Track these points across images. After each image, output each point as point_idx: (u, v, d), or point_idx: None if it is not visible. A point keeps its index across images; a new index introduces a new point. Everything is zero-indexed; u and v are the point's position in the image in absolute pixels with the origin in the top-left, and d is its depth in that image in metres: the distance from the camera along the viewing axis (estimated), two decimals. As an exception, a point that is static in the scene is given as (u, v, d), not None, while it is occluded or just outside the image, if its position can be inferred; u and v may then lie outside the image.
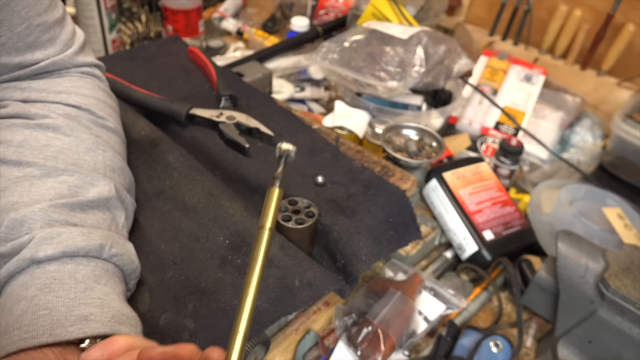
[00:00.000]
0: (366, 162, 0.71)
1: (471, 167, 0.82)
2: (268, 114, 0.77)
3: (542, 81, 1.09)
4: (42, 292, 0.37)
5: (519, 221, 0.78)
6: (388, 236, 0.62)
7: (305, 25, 1.17)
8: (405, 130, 0.85)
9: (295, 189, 0.63)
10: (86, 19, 1.03)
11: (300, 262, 0.53)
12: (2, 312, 0.37)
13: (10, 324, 0.36)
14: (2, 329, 0.36)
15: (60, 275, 0.39)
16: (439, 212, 0.78)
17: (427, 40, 0.92)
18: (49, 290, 0.38)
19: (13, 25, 0.45)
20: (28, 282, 0.38)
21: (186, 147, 0.71)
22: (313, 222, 0.58)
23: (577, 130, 1.08)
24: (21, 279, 0.39)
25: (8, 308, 0.37)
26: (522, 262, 0.73)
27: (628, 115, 0.97)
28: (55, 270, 0.39)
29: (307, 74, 1.07)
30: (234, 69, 0.94)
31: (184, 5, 1.12)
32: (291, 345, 0.60)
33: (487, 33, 1.28)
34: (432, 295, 0.68)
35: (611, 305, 0.58)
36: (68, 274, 0.39)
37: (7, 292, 0.39)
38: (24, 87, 0.50)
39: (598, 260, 0.62)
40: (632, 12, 1.08)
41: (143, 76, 0.83)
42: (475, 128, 1.04)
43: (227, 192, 0.61)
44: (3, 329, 0.36)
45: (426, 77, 0.91)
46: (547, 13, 1.19)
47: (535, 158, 1.00)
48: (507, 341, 0.63)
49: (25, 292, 0.38)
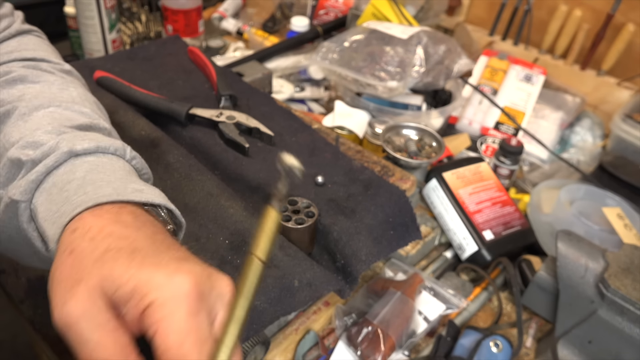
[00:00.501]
0: (366, 162, 0.71)
1: (471, 167, 0.82)
2: (268, 114, 0.77)
3: (542, 81, 1.09)
4: (90, 173, 0.37)
5: (518, 221, 0.78)
6: (388, 236, 0.63)
7: (305, 25, 1.17)
8: (405, 130, 0.85)
9: (295, 189, 0.63)
10: (86, 19, 1.03)
11: (300, 262, 0.53)
12: (50, 198, 0.36)
13: (69, 196, 0.35)
14: (59, 205, 0.35)
15: (101, 164, 0.39)
16: (439, 212, 0.78)
17: (427, 40, 0.92)
18: (97, 171, 0.38)
19: None
20: (72, 169, 0.38)
21: (186, 147, 0.71)
22: (313, 222, 0.58)
23: (577, 130, 1.08)
24: (62, 169, 0.38)
25: (58, 191, 0.36)
26: (522, 262, 0.73)
27: (628, 115, 0.97)
28: (95, 161, 0.39)
29: (307, 74, 1.07)
30: (234, 69, 0.94)
31: (184, 5, 1.12)
32: (291, 345, 0.60)
33: (487, 33, 1.28)
34: (432, 295, 0.68)
35: (611, 305, 0.58)
36: (108, 164, 0.39)
37: (51, 183, 0.37)
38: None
39: (598, 260, 0.62)
40: (632, 12, 1.08)
41: (143, 76, 0.83)
42: (475, 128, 1.04)
43: (227, 192, 0.61)
44: (61, 204, 0.35)
45: (426, 77, 0.91)
46: (547, 13, 1.19)
47: (535, 158, 1.00)
48: (507, 341, 0.63)
49: (72, 175, 0.37)
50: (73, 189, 0.36)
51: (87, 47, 1.07)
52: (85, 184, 0.36)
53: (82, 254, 0.31)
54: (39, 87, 0.48)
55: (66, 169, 0.38)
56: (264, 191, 0.65)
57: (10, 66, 0.51)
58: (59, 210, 0.35)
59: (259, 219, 0.31)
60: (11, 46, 0.53)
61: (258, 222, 0.31)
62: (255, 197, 0.65)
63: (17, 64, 0.51)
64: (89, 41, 1.06)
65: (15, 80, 0.48)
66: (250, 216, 0.58)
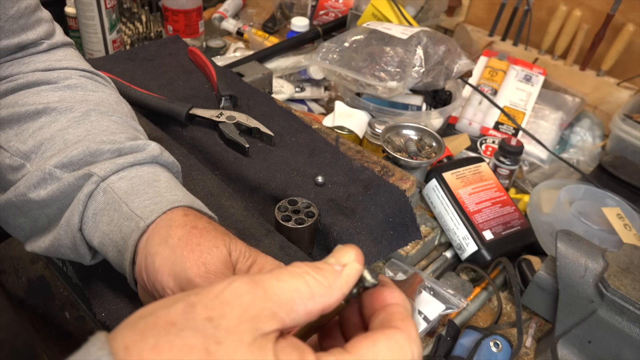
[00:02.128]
0: (366, 162, 0.71)
1: (471, 167, 0.82)
2: (268, 114, 0.78)
3: (541, 81, 1.09)
4: (171, 180, 0.46)
5: (518, 221, 0.78)
6: (388, 236, 0.63)
7: (305, 25, 1.18)
8: (405, 130, 0.85)
9: (295, 189, 0.63)
10: (87, 19, 1.03)
11: (300, 262, 0.53)
12: (134, 186, 0.43)
13: (161, 192, 0.43)
14: (151, 195, 0.42)
15: (162, 173, 0.47)
16: (439, 212, 0.78)
17: (427, 40, 0.92)
18: (172, 180, 0.47)
19: (6, 9, 0.49)
20: (154, 171, 0.45)
21: (186, 147, 0.71)
22: (313, 222, 0.58)
23: (576, 130, 1.08)
24: (147, 169, 0.45)
25: (144, 184, 0.43)
26: (522, 262, 0.73)
27: (627, 115, 0.97)
28: (161, 170, 0.47)
29: (307, 74, 1.07)
30: (234, 69, 0.94)
31: (184, 5, 1.12)
32: (291, 345, 0.60)
33: (487, 33, 1.28)
34: (432, 295, 0.68)
35: (611, 305, 0.58)
36: (168, 174, 0.48)
37: (134, 174, 0.44)
38: (27, 62, 0.53)
39: (597, 260, 0.62)
40: (632, 12, 1.08)
41: (143, 76, 0.83)
42: (475, 128, 1.04)
43: (227, 192, 0.61)
44: (154, 194, 0.43)
45: (426, 77, 0.91)
46: (547, 13, 1.19)
47: (534, 158, 1.00)
48: (506, 341, 0.63)
49: (157, 177, 0.45)
50: (164, 187, 0.44)
51: (88, 47, 1.07)
52: (171, 187, 0.45)
53: (206, 229, 0.40)
54: (97, 95, 0.52)
55: (150, 170, 0.45)
56: (264, 191, 0.65)
57: (68, 73, 0.53)
58: (153, 199, 0.42)
59: None
60: (59, 55, 0.55)
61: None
62: (255, 197, 0.65)
63: (74, 72, 0.54)
64: (89, 41, 1.06)
65: (77, 86, 0.52)
66: (250, 216, 0.58)
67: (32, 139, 0.47)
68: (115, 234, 0.41)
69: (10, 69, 0.52)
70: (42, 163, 0.45)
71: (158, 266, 0.38)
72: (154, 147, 0.47)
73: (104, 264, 0.50)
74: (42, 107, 0.48)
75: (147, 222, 0.40)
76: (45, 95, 0.50)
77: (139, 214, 0.41)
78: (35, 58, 0.53)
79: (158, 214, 0.41)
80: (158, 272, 0.38)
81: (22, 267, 0.71)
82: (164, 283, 0.38)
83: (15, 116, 0.48)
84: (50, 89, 0.51)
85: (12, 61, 0.53)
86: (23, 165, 0.46)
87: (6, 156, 0.47)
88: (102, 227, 0.42)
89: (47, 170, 0.44)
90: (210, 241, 0.39)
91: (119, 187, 0.43)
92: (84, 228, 0.43)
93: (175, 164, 0.49)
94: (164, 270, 0.38)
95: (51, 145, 0.46)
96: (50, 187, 0.43)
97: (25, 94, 0.50)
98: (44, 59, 0.54)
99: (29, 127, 0.48)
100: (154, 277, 0.38)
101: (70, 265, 0.56)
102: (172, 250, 0.38)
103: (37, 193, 0.44)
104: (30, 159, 0.46)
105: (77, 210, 0.42)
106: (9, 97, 0.50)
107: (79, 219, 0.42)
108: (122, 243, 0.41)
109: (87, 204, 0.43)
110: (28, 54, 0.53)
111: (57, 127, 0.47)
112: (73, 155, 0.44)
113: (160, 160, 0.47)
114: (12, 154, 0.46)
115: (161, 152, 0.47)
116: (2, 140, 0.47)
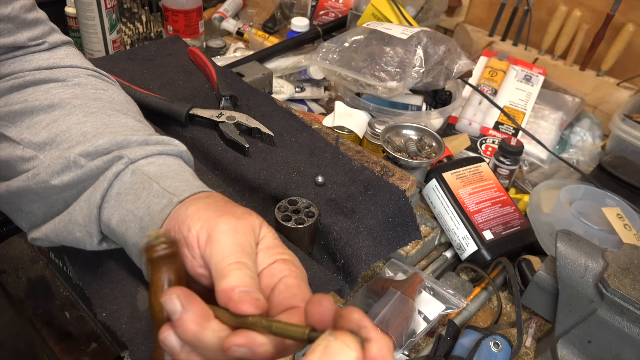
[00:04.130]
0: (366, 162, 0.71)
1: (471, 167, 0.82)
2: (268, 114, 0.78)
3: (541, 81, 1.09)
4: (193, 174, 0.47)
5: (518, 221, 0.78)
6: (388, 236, 0.63)
7: (305, 25, 1.18)
8: (405, 130, 0.85)
9: (295, 189, 0.63)
10: (87, 20, 1.03)
11: (300, 262, 0.53)
12: (163, 172, 0.44)
13: (189, 179, 0.44)
14: (179, 180, 0.44)
15: (184, 166, 0.48)
16: (439, 212, 0.78)
17: (426, 40, 0.92)
18: (193, 172, 0.48)
19: (0, 9, 0.49)
20: (180, 163, 0.47)
21: (186, 147, 0.71)
22: (313, 222, 0.58)
23: (576, 130, 1.08)
24: (172, 160, 0.47)
25: (173, 172, 0.45)
26: (522, 262, 0.73)
27: (627, 115, 0.97)
28: (182, 164, 0.48)
29: (307, 74, 1.07)
30: (234, 69, 0.94)
31: (184, 5, 1.12)
32: (291, 345, 0.60)
33: (487, 33, 1.28)
34: (432, 295, 0.68)
35: (611, 305, 0.58)
36: (188, 167, 0.49)
37: (162, 161, 0.46)
38: (29, 60, 0.53)
39: (597, 260, 0.62)
40: (631, 12, 1.08)
41: (143, 76, 0.83)
42: (475, 128, 1.04)
43: (227, 192, 0.61)
44: (183, 180, 0.44)
45: (426, 77, 0.91)
46: (547, 13, 1.19)
47: (534, 158, 1.00)
48: (506, 341, 0.63)
49: (183, 168, 0.47)
50: (190, 177, 0.46)
51: (88, 47, 1.07)
52: (197, 179, 0.46)
53: (229, 202, 0.42)
54: (109, 94, 0.53)
55: (176, 162, 0.47)
56: (264, 191, 0.65)
57: (75, 71, 0.53)
58: (184, 182, 0.44)
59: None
60: (61, 53, 0.55)
61: None
62: (255, 197, 0.65)
63: (82, 71, 0.54)
64: (89, 41, 1.06)
65: (87, 84, 0.52)
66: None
67: (46, 131, 0.47)
68: (142, 210, 0.42)
69: (13, 67, 0.52)
70: (62, 153, 0.45)
71: (190, 212, 0.39)
72: (179, 142, 0.48)
73: (104, 264, 0.50)
74: (56, 101, 0.48)
75: (181, 198, 0.41)
76: (56, 93, 0.50)
77: (171, 191, 0.42)
78: (37, 56, 0.53)
79: (191, 193, 0.42)
80: (189, 217, 0.38)
81: (22, 267, 0.71)
82: (192, 225, 0.38)
83: (28, 109, 0.48)
84: (60, 87, 0.51)
85: (14, 59, 0.53)
86: (35, 156, 0.46)
87: (18, 148, 0.47)
88: (127, 205, 0.42)
89: (72, 158, 0.44)
90: (244, 209, 0.41)
91: (148, 170, 0.44)
92: (104, 206, 0.43)
93: (193, 164, 0.50)
94: (195, 215, 0.38)
95: (67, 137, 0.46)
96: (74, 173, 0.44)
97: (35, 91, 0.50)
98: (46, 56, 0.53)
99: (42, 120, 0.48)
100: (183, 221, 0.39)
101: (71, 265, 0.56)
102: (207, 204, 0.40)
103: (60, 179, 0.44)
104: (43, 150, 0.46)
105: (102, 187, 0.43)
106: (17, 94, 0.50)
107: (101, 196, 0.43)
108: (148, 219, 0.41)
109: (112, 182, 0.43)
110: (30, 52, 0.53)
111: (73, 120, 0.47)
112: (99, 144, 0.44)
113: (184, 156, 0.48)
114: (24, 146, 0.47)
115: (186, 149, 0.49)
116: (14, 134, 0.48)
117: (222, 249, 0.36)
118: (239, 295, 0.33)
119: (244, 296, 0.33)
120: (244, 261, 0.36)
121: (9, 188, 0.47)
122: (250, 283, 0.34)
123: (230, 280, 0.34)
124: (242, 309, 0.33)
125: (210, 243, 0.37)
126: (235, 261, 0.35)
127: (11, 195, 0.47)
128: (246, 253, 0.36)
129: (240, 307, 0.33)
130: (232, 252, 0.36)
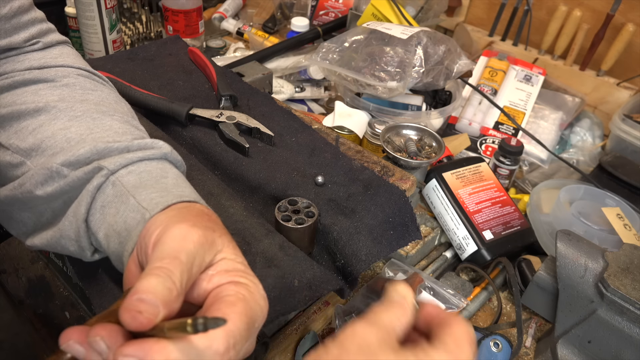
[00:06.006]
0: (366, 162, 0.71)
1: (471, 167, 0.82)
2: (268, 114, 0.78)
3: (541, 81, 1.09)
4: (179, 177, 0.47)
5: (518, 221, 0.78)
6: (388, 236, 0.63)
7: (305, 25, 1.18)
8: (405, 130, 0.85)
9: (295, 189, 0.63)
10: (87, 19, 1.03)
11: (300, 262, 0.54)
12: (142, 180, 0.44)
13: (168, 187, 0.44)
14: (158, 190, 0.43)
15: (170, 169, 0.47)
16: (439, 212, 0.78)
17: (426, 40, 0.92)
18: (180, 177, 0.47)
19: None
20: (163, 167, 0.46)
21: (186, 147, 0.71)
22: (313, 222, 0.58)
23: (576, 130, 1.08)
24: (156, 164, 0.46)
25: (153, 179, 0.44)
26: (522, 262, 0.73)
27: (627, 115, 0.97)
28: (169, 167, 0.47)
29: (307, 74, 1.07)
30: (234, 69, 0.94)
31: (184, 5, 1.12)
32: (291, 345, 0.60)
33: (487, 33, 1.28)
34: (432, 295, 0.68)
35: (611, 305, 0.58)
36: (175, 170, 0.48)
37: (142, 168, 0.45)
38: (21, 60, 0.53)
39: (597, 260, 0.62)
40: (631, 12, 1.08)
41: (143, 76, 0.83)
42: (475, 128, 1.04)
43: (227, 192, 0.61)
44: (161, 189, 0.43)
45: (426, 77, 0.91)
46: (547, 13, 1.19)
47: (534, 158, 1.00)
48: (506, 341, 0.63)
49: (166, 173, 0.46)
50: (171, 183, 0.44)
51: (88, 47, 1.07)
52: (179, 184, 0.45)
53: (213, 216, 0.43)
54: (97, 94, 0.52)
55: (159, 165, 0.46)
56: (264, 191, 0.65)
57: (65, 71, 0.53)
58: (160, 193, 0.43)
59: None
60: (54, 53, 0.55)
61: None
62: (255, 197, 0.65)
63: (71, 71, 0.54)
64: (89, 41, 1.06)
65: (75, 84, 0.52)
66: (250, 216, 0.58)
67: (32, 137, 0.47)
68: (120, 225, 0.41)
69: (4, 67, 0.52)
70: (46, 161, 0.45)
71: (158, 219, 0.38)
72: (163, 144, 0.47)
73: (104, 264, 0.50)
74: (42, 105, 0.48)
75: (153, 213, 0.40)
76: (44, 94, 0.50)
77: (145, 206, 0.41)
78: (30, 56, 0.53)
79: (163, 207, 0.41)
80: (154, 223, 0.38)
81: (22, 267, 0.71)
82: (153, 230, 0.37)
83: (15, 114, 0.48)
84: (48, 87, 0.50)
85: (6, 59, 0.52)
86: (23, 162, 0.46)
87: (7, 154, 0.47)
88: (109, 219, 0.42)
89: (54, 169, 0.44)
90: (218, 228, 0.40)
91: (127, 180, 0.43)
92: (91, 220, 0.43)
93: (182, 163, 0.49)
94: (158, 221, 0.38)
95: (52, 144, 0.46)
96: (57, 184, 0.44)
97: (23, 93, 0.50)
98: (39, 56, 0.53)
99: (29, 125, 0.48)
100: (148, 228, 0.38)
101: (71, 265, 0.56)
102: (178, 212, 0.40)
103: (44, 190, 0.44)
104: (30, 156, 0.46)
105: (85, 201, 0.42)
106: (6, 95, 0.50)
107: (85, 210, 0.42)
108: (125, 234, 0.41)
109: (95, 196, 0.43)
110: (23, 52, 0.53)
111: (58, 125, 0.47)
112: (80, 153, 0.44)
113: (170, 158, 0.48)
114: (12, 151, 0.47)
115: (171, 150, 0.48)
116: (3, 138, 0.48)
117: (160, 251, 0.35)
118: (131, 303, 0.31)
119: (135, 305, 0.31)
120: (169, 268, 0.33)
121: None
122: (160, 292, 0.31)
123: (140, 284, 0.32)
124: (122, 317, 0.31)
125: (155, 245, 0.36)
126: (160, 266, 0.33)
127: (1, 203, 0.47)
128: (179, 261, 0.34)
129: (122, 315, 0.31)
130: (165, 257, 0.34)
